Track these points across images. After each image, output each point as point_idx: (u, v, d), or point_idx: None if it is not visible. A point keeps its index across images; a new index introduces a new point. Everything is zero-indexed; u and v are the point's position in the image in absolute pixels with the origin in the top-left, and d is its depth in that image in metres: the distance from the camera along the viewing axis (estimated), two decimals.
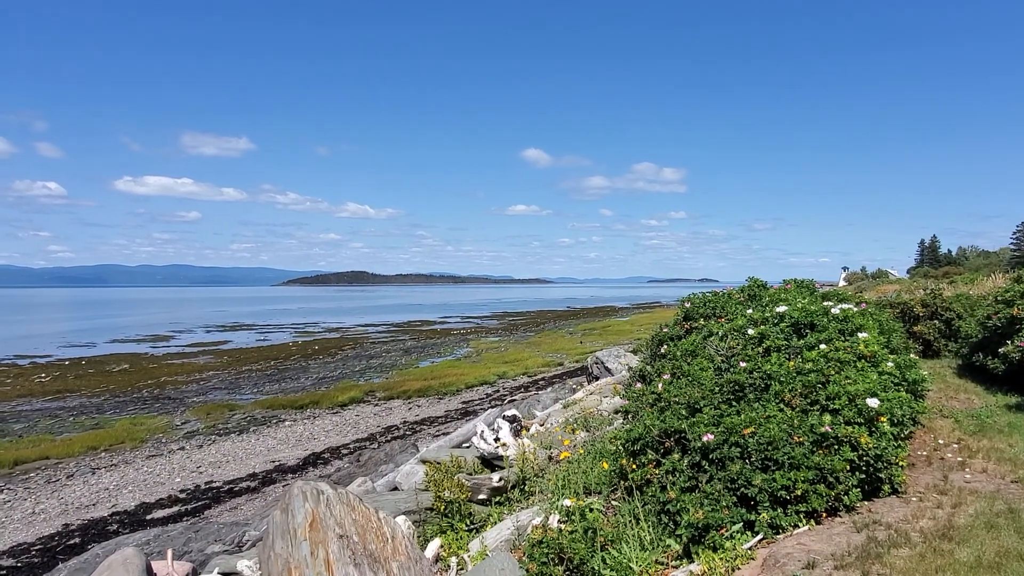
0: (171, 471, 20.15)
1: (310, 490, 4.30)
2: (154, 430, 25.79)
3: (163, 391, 36.31)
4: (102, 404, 32.64)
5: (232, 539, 10.47)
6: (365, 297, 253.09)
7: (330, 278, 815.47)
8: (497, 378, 37.50)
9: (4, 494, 18.04)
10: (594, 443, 9.26)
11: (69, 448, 22.74)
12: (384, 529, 4.48)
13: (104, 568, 7.06)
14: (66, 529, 15.20)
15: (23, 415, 30.10)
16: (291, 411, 29.23)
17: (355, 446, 22.74)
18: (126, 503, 17.06)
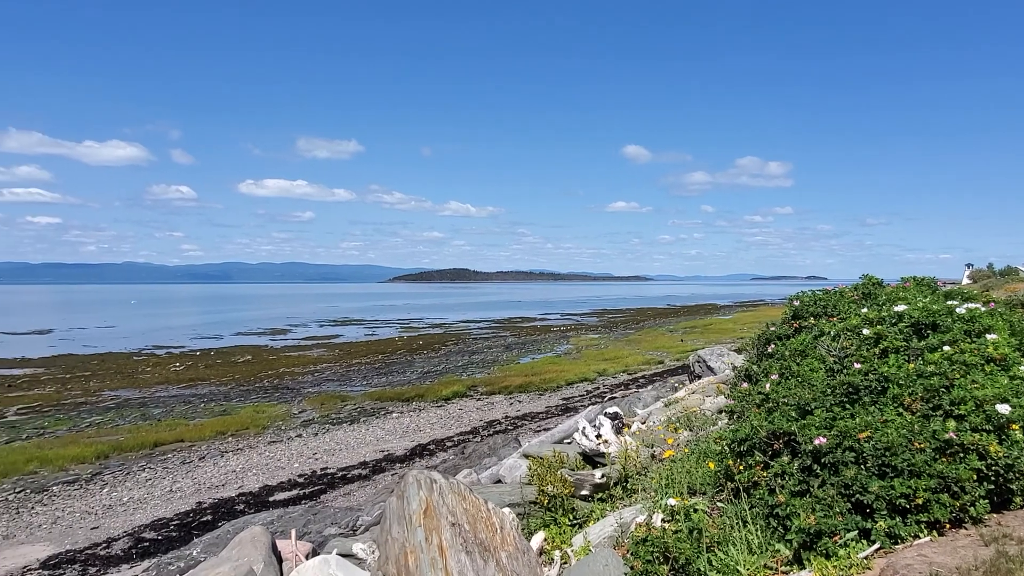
0: (290, 457, 21.24)
1: (424, 479, 4.46)
2: (274, 418, 27.24)
3: (282, 381, 38.26)
4: (228, 392, 34.76)
5: (347, 523, 10.93)
6: (466, 294, 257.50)
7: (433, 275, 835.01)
8: (597, 375, 37.32)
9: (146, 472, 19.57)
10: (698, 443, 9.08)
11: (200, 432, 24.38)
12: (493, 519, 4.59)
13: (235, 544, 7.54)
14: (199, 507, 16.33)
15: (161, 401, 32.50)
16: (398, 403, 30.16)
17: (459, 439, 23.22)
18: (251, 485, 18.13)
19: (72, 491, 18.01)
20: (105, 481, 18.86)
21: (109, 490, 18.01)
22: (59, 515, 16.11)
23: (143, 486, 18.31)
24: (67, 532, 15.00)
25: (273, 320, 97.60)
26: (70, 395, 34.28)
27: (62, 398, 33.36)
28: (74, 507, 16.68)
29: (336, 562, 7.04)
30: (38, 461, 20.37)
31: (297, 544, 7.63)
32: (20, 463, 20.18)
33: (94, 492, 17.89)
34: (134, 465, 20.44)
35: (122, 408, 30.65)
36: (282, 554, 7.81)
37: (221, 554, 7.59)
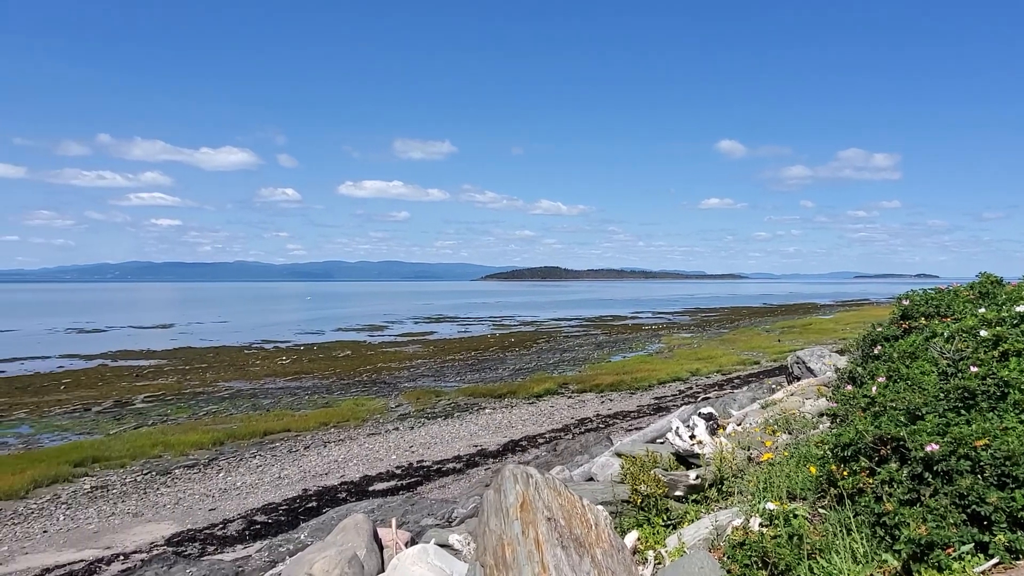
0: (387, 449, 21.91)
1: (520, 473, 4.53)
2: (373, 411, 28.15)
3: (379, 376, 39.47)
4: (330, 386, 36.17)
5: (443, 515, 11.20)
6: (557, 292, 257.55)
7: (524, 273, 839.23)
8: (690, 375, 36.57)
9: (257, 459, 20.67)
10: (797, 446, 8.78)
11: (305, 423, 25.50)
12: (588, 516, 4.61)
13: (339, 530, 7.86)
14: (305, 494, 17.11)
15: (269, 392, 34.20)
16: (490, 399, 30.55)
17: (550, 436, 23.30)
18: (352, 475, 18.84)
19: (192, 474, 19.24)
20: (221, 466, 20.05)
21: (224, 475, 19.13)
22: (181, 496, 17.25)
23: (254, 472, 19.35)
24: (188, 512, 16.04)
25: (371, 317, 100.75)
26: (189, 385, 36.58)
27: (182, 388, 35.64)
28: (194, 489, 17.82)
29: (434, 551, 7.24)
30: (162, 446, 21.87)
31: (397, 532, 7.89)
32: (147, 447, 21.73)
33: (211, 476, 19.05)
34: (246, 452, 21.61)
35: (235, 398, 32.45)
36: (383, 541, 8.09)
37: (327, 539, 7.93)
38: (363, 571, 7.06)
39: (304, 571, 7.04)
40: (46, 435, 25.05)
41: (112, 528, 15.12)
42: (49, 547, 14.11)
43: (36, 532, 14.95)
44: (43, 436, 24.90)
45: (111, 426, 26.25)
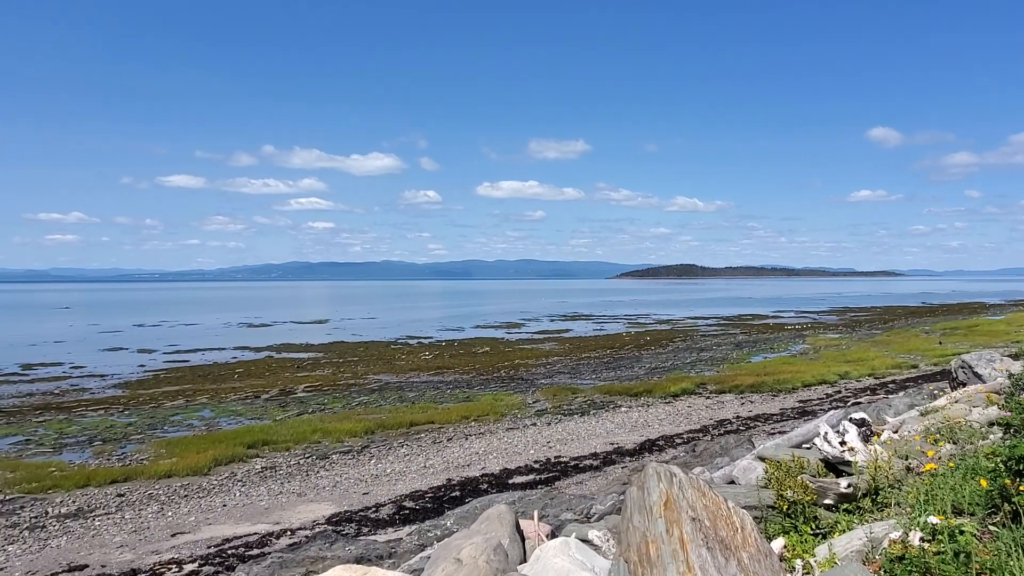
0: (526, 443, 22.30)
1: (664, 472, 4.53)
2: (511, 406, 28.73)
3: (516, 372, 40.18)
4: (470, 381, 37.28)
5: (581, 510, 11.29)
6: (694, 290, 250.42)
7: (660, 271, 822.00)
8: (838, 378, 34.43)
9: (404, 449, 21.73)
10: (964, 457, 8.10)
11: (447, 416, 26.48)
12: (734, 519, 4.53)
13: (483, 519, 8.15)
14: (448, 483, 17.80)
15: (414, 386, 35.77)
16: (626, 398, 30.29)
17: (688, 436, 22.79)
18: (492, 467, 19.37)
19: (347, 460, 20.55)
20: (372, 453, 21.25)
21: (375, 462, 20.27)
22: (338, 480, 18.48)
23: (402, 460, 20.35)
24: (344, 495, 17.16)
25: (508, 314, 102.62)
26: (343, 377, 38.98)
27: (337, 380, 38.04)
28: (349, 474, 19.02)
29: (576, 545, 7.34)
30: (321, 432, 23.49)
31: (539, 525, 8.08)
32: (308, 433, 23.43)
33: (364, 462, 20.25)
34: (394, 441, 22.77)
35: (383, 391, 34.22)
36: (524, 533, 8.30)
37: (472, 527, 8.24)
38: (507, 560, 7.29)
39: (452, 556, 7.35)
40: (223, 419, 27.63)
41: (280, 505, 16.46)
42: (228, 519, 15.58)
43: (217, 505, 16.56)
44: (221, 419, 27.48)
45: (277, 412, 28.51)
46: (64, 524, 15.38)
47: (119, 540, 14.40)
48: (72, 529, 15.08)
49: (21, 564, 13.26)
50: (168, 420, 27.37)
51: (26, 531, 14.97)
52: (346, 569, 7.60)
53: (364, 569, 7.57)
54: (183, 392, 34.31)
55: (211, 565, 12.59)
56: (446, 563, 7.39)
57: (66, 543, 14.32)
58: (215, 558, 12.96)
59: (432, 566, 7.61)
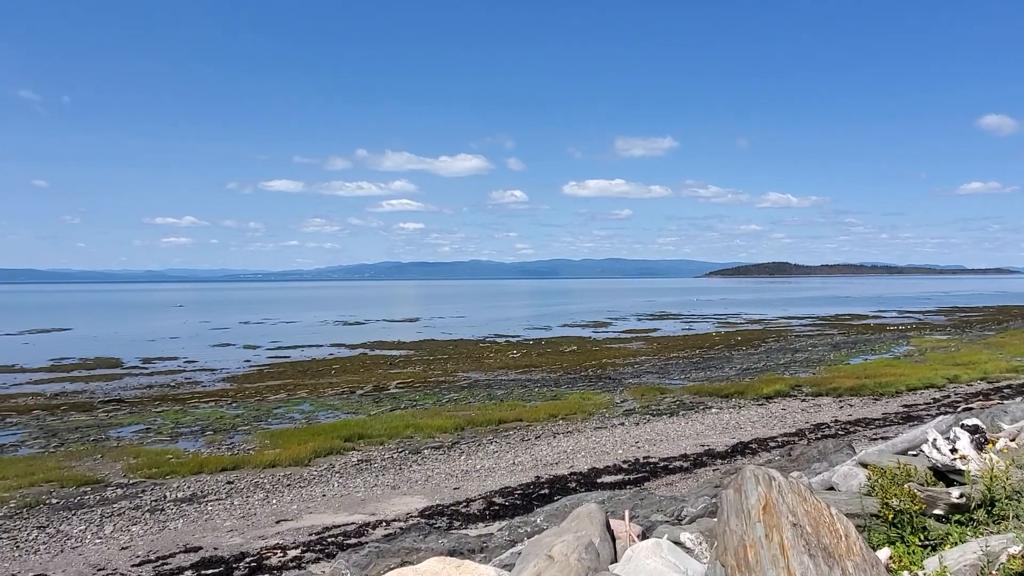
0: (614, 443, 22.12)
1: (762, 474, 4.41)
2: (598, 405, 28.56)
3: (604, 371, 39.90)
4: (558, 379, 37.29)
5: (672, 512, 11.11)
6: (787, 289, 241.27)
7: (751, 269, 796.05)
8: (946, 381, 32.39)
9: (493, 446, 21.98)
10: None
11: (535, 414, 26.59)
12: (837, 526, 4.36)
13: (573, 517, 8.14)
14: (537, 480, 17.89)
15: (502, 383, 36.11)
16: (716, 399, 29.54)
17: (783, 439, 22.01)
18: (580, 466, 19.32)
19: (438, 455, 20.97)
20: (462, 449, 21.61)
21: (465, 458, 20.60)
22: (429, 474, 18.90)
23: (491, 457, 20.59)
24: (436, 489, 17.54)
25: (595, 313, 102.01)
26: (433, 375, 39.80)
27: (428, 376, 38.88)
28: (440, 469, 19.42)
29: (668, 547, 7.23)
30: (413, 428, 24.08)
31: (630, 525, 8.01)
32: (400, 428, 24.07)
33: (454, 458, 20.62)
34: (483, 438, 23.06)
35: (472, 388, 34.72)
36: (615, 532, 8.24)
37: (562, 525, 8.25)
38: (599, 558, 7.27)
39: (544, 552, 7.39)
40: (322, 412, 28.76)
41: (375, 497, 16.99)
42: (327, 509, 16.22)
43: (317, 495, 17.27)
44: (320, 413, 28.62)
45: (371, 408, 29.43)
46: (180, 508, 16.42)
47: (229, 525, 15.24)
48: (187, 513, 16.08)
49: (144, 544, 14.25)
50: (272, 413, 28.74)
51: (147, 513, 16.07)
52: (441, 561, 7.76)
53: (458, 562, 7.71)
54: (285, 386, 35.93)
55: (313, 552, 13.15)
56: (538, 559, 7.44)
57: (182, 526, 15.28)
58: (316, 545, 13.53)
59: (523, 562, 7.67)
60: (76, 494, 17.56)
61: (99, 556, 13.62)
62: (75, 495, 17.48)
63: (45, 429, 26.06)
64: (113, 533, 14.83)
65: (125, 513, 16.06)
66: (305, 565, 12.28)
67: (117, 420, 27.57)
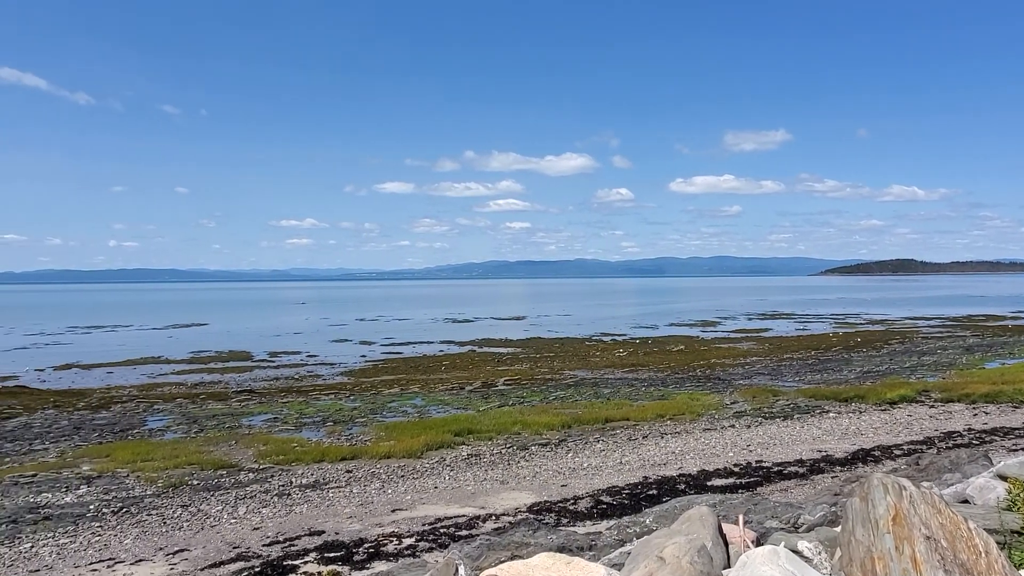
0: (724, 445, 21.46)
1: (891, 483, 4.17)
2: (707, 406, 27.79)
3: (713, 372, 38.78)
4: (665, 379, 36.60)
5: (787, 519, 10.65)
6: (913, 287, 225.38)
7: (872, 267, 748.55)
8: None
9: (600, 444, 21.87)
10: None
11: (642, 413, 26.21)
12: (976, 541, 4.06)
13: (684, 520, 7.97)
14: (645, 480, 17.64)
15: (608, 382, 35.84)
16: (834, 403, 28.04)
17: (909, 448, 20.62)
18: (689, 467, 18.88)
19: (545, 452, 21.09)
20: (569, 447, 21.63)
21: (572, 455, 20.61)
22: (537, 471, 19.04)
23: (598, 455, 20.49)
24: (543, 485, 17.65)
25: (702, 312, 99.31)
26: (540, 372, 40.05)
27: (534, 374, 39.17)
28: (547, 466, 19.52)
29: (785, 555, 6.95)
30: (520, 424, 24.33)
31: (744, 530, 7.76)
32: (508, 424, 24.38)
33: (561, 455, 20.67)
34: (590, 436, 22.98)
35: (578, 386, 34.66)
36: (727, 537, 8.01)
37: (672, 527, 8.09)
38: (711, 562, 7.09)
39: (654, 554, 7.28)
40: (433, 407, 29.60)
41: (484, 491, 17.31)
42: (439, 500, 16.68)
43: (429, 487, 17.79)
44: (431, 408, 29.46)
45: (480, 404, 29.99)
46: (304, 493, 17.37)
47: (348, 511, 15.98)
48: (311, 498, 16.99)
49: (273, 525, 15.19)
50: (386, 406, 29.85)
51: (275, 497, 17.11)
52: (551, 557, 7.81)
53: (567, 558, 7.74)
54: (398, 381, 37.24)
55: (426, 541, 13.57)
56: (648, 561, 7.35)
57: (306, 510, 16.16)
58: (429, 535, 13.95)
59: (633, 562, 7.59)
60: (214, 476, 18.95)
61: (234, 535, 14.64)
62: (213, 477, 18.87)
63: (187, 416, 28.27)
64: (246, 514, 15.89)
65: (256, 496, 17.16)
66: (420, 554, 12.70)
67: (248, 409, 29.52)
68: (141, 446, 22.45)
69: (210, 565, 12.85)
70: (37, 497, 17.19)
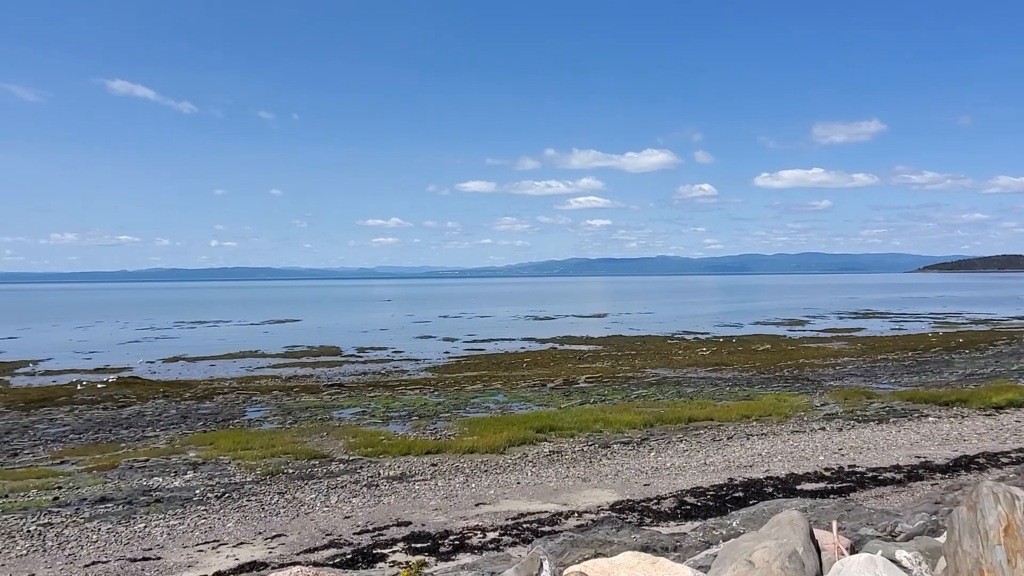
0: (813, 448, 20.66)
1: (1002, 492, 3.93)
2: (796, 408, 26.81)
3: (801, 372, 37.36)
4: (750, 379, 35.53)
5: (883, 527, 10.18)
6: (1021, 285, 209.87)
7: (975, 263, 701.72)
8: None
9: (683, 444, 21.47)
10: None
11: (727, 414, 25.55)
12: None
13: (773, 524, 7.74)
14: (730, 482, 17.20)
15: (691, 381, 35.12)
16: (933, 406, 26.50)
17: (1017, 456, 19.27)
18: (777, 470, 18.28)
19: (627, 451, 20.89)
20: (651, 446, 21.34)
21: (655, 455, 20.32)
22: (619, 469, 18.88)
23: (681, 455, 20.12)
24: (625, 484, 17.49)
25: (790, 311, 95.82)
26: (621, 370, 39.66)
27: (616, 372, 38.82)
28: (629, 464, 19.33)
29: (883, 564, 6.66)
30: (602, 422, 24.18)
31: (838, 537, 7.47)
32: (589, 421, 24.28)
33: (643, 454, 20.42)
34: (672, 436, 22.59)
35: (660, 385, 34.12)
36: (820, 543, 7.72)
37: (761, 530, 7.87)
38: (803, 569, 6.86)
39: (743, 557, 7.11)
40: (515, 403, 29.80)
41: (566, 488, 17.31)
42: (521, 496, 16.80)
43: (512, 482, 17.94)
44: (513, 404, 29.68)
45: (561, 401, 29.98)
46: (392, 485, 17.85)
47: (434, 504, 16.32)
48: (398, 490, 17.45)
49: (363, 514, 15.69)
50: (469, 402, 30.28)
51: (364, 487, 17.66)
52: (635, 556, 7.74)
53: (652, 558, 7.65)
54: (480, 377, 37.68)
55: (509, 535, 13.70)
56: (737, 564, 7.19)
57: (394, 501, 16.61)
58: (512, 529, 14.07)
59: (720, 564, 7.44)
60: (307, 466, 19.75)
61: (327, 522, 15.22)
62: (306, 467, 19.67)
63: (282, 407, 29.57)
64: (337, 503, 16.48)
65: (346, 486, 17.77)
66: (503, 548, 12.83)
67: (338, 402, 30.58)
68: (241, 435, 23.64)
69: (305, 550, 13.40)
70: (149, 480, 18.40)
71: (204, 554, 13.47)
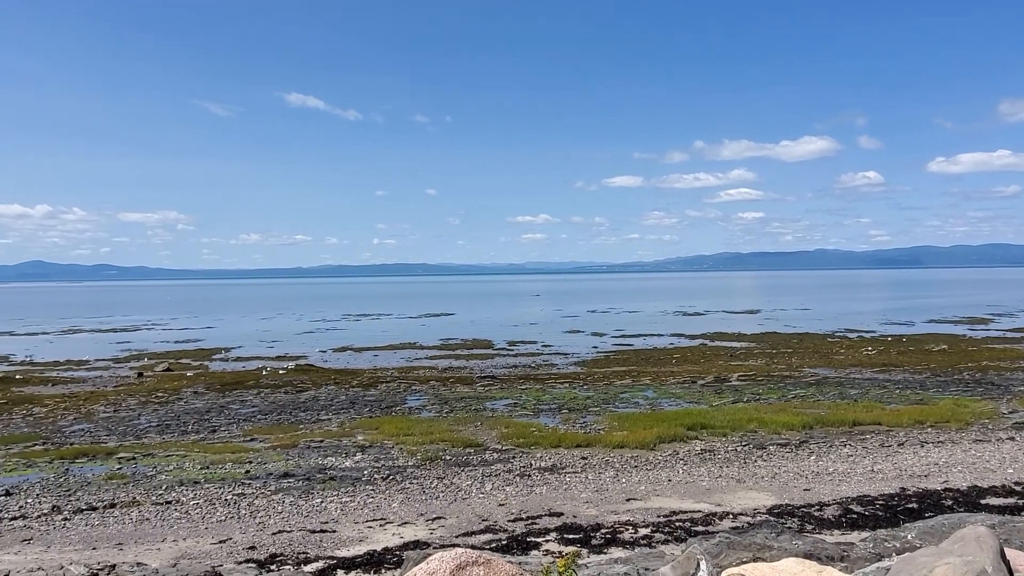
0: (1001, 460, 18.52)
1: None
2: (978, 414, 24.16)
3: (984, 375, 33.61)
4: (924, 381, 32.48)
5: None
6: None
7: None
8: None
9: (847, 449, 20.03)
10: None
11: (897, 418, 23.51)
12: None
13: (956, 539, 7.06)
14: (902, 492, 15.81)
15: (855, 382, 32.66)
16: None
17: None
18: (957, 482, 16.57)
19: (784, 453, 19.82)
20: (811, 449, 20.10)
21: (815, 459, 19.12)
22: (776, 472, 17.96)
23: (845, 461, 18.78)
24: (784, 488, 16.61)
25: (970, 308, 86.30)
26: (776, 368, 37.66)
27: (770, 370, 36.93)
28: (787, 467, 18.33)
29: None
30: (756, 422, 23.12)
31: None
32: (743, 421, 23.29)
33: (803, 457, 19.28)
34: (835, 440, 21.14)
35: (820, 385, 32.03)
36: (1011, 564, 6.96)
37: (941, 546, 7.21)
38: None
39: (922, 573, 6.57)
40: (664, 400, 29.22)
41: (720, 488, 16.73)
42: (673, 494, 16.46)
43: (662, 480, 17.62)
44: (662, 400, 29.11)
45: (712, 399, 28.99)
46: (543, 476, 18.14)
47: (584, 496, 16.40)
48: (549, 481, 17.70)
49: (516, 503, 16.09)
50: (618, 397, 30.08)
51: (517, 477, 18.09)
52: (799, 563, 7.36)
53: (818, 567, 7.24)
54: (629, 373, 37.29)
55: (661, 533, 13.47)
56: None
57: (546, 492, 16.87)
58: (664, 527, 13.83)
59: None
60: (463, 454, 20.55)
61: (482, 508, 15.76)
62: (463, 454, 20.47)
63: (439, 397, 30.96)
64: (492, 491, 17.02)
65: (500, 475, 18.30)
66: (656, 544, 12.65)
67: (491, 394, 31.52)
68: (403, 422, 25.05)
69: (463, 533, 13.97)
70: (324, 460, 19.99)
71: (373, 530, 14.43)
